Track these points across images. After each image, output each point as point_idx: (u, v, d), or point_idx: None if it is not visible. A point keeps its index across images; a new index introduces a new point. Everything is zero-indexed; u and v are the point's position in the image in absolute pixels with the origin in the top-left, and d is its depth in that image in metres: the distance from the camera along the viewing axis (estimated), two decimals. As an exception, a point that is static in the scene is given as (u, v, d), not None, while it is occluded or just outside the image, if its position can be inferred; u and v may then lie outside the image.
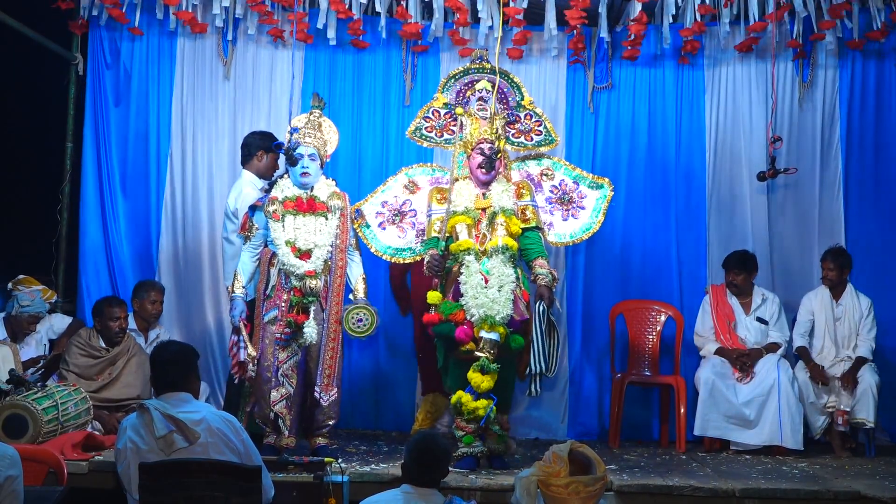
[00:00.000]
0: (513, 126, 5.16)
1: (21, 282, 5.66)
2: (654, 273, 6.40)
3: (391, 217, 5.14)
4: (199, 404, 3.60)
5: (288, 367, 4.70)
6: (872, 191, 6.38)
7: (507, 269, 4.73)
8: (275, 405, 4.68)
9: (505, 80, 5.12)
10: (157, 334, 5.77)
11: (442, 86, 5.20)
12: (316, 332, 4.69)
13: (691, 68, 6.45)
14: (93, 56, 6.50)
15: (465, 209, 4.88)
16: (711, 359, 5.81)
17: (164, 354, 3.63)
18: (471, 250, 4.78)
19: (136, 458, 3.33)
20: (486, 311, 4.62)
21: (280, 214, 4.75)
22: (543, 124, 5.16)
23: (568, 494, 3.15)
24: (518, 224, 4.87)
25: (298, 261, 4.67)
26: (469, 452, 4.72)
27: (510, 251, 4.78)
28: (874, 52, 6.35)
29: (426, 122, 5.20)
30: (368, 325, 4.76)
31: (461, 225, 4.86)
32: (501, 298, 4.65)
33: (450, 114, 5.16)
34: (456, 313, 4.70)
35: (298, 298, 4.66)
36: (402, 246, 5.13)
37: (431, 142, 5.23)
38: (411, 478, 3.33)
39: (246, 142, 5.61)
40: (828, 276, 5.85)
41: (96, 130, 6.49)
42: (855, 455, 5.59)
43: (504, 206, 4.88)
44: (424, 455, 3.33)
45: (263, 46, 6.51)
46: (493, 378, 4.62)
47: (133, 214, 6.47)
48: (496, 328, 4.62)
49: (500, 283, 4.68)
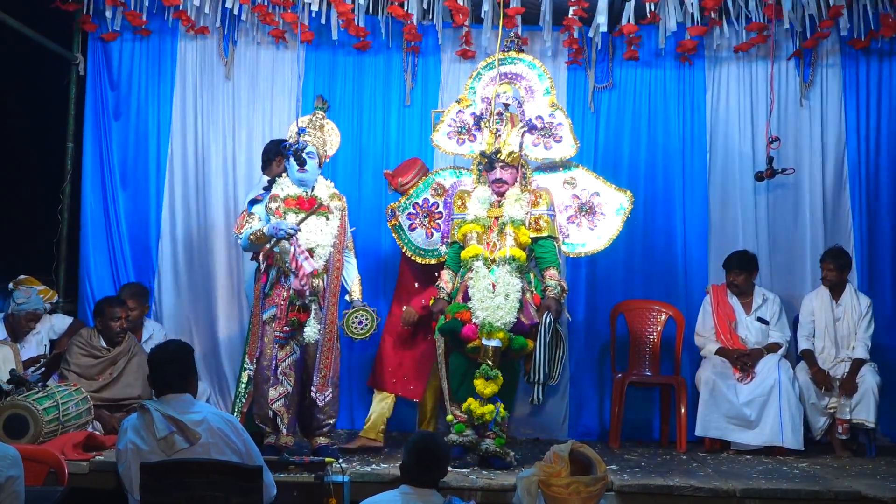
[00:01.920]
0: (532, 132, 5.16)
1: (22, 282, 5.66)
2: (654, 273, 6.40)
3: (421, 219, 5.30)
4: (199, 405, 3.60)
5: (286, 366, 4.70)
6: (877, 190, 6.36)
7: (513, 279, 4.79)
8: (273, 403, 4.68)
9: (535, 73, 5.16)
10: (150, 333, 5.78)
11: (468, 84, 5.29)
12: (316, 331, 4.71)
13: (692, 68, 6.45)
14: (93, 56, 6.51)
15: (476, 217, 4.97)
16: (712, 359, 5.81)
17: (162, 356, 3.62)
18: (479, 256, 4.85)
19: (136, 459, 3.34)
20: (488, 316, 4.69)
21: (282, 212, 4.75)
22: (565, 126, 5.16)
23: (569, 494, 3.15)
24: (527, 234, 4.90)
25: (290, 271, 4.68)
26: (458, 441, 4.76)
27: (517, 262, 4.83)
28: (876, 51, 6.34)
29: (449, 128, 5.28)
30: (369, 327, 4.83)
31: (472, 233, 4.94)
32: (507, 306, 4.72)
33: (474, 115, 5.23)
34: (463, 312, 4.79)
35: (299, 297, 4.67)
36: (429, 247, 5.29)
37: (453, 150, 5.31)
38: (410, 478, 3.31)
39: (266, 148, 5.71)
40: (828, 277, 5.85)
41: (97, 130, 6.50)
42: (855, 455, 5.59)
43: (513, 215, 4.92)
44: (423, 455, 3.32)
45: (265, 47, 6.52)
46: (496, 384, 4.69)
47: (134, 214, 6.48)
48: (495, 335, 4.68)
49: (506, 292, 4.75)
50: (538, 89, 5.19)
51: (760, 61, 6.38)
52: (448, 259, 5.15)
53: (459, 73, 6.44)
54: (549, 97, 5.17)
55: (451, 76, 6.50)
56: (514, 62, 5.25)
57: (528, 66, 5.23)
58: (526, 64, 5.23)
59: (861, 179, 6.36)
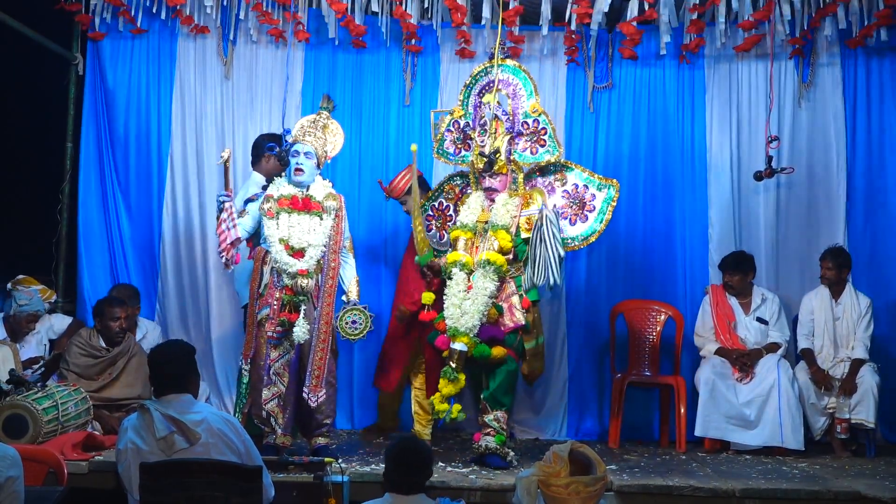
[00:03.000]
0: (519, 138, 5.15)
1: (20, 282, 5.66)
2: (654, 273, 6.39)
3: (436, 221, 5.43)
4: (200, 405, 3.59)
5: (280, 366, 4.71)
6: (877, 190, 6.35)
7: (487, 283, 4.84)
8: (266, 403, 4.69)
9: (519, 80, 5.16)
10: (144, 332, 5.78)
11: (461, 94, 5.30)
12: (306, 332, 4.67)
13: (691, 68, 6.45)
14: (93, 56, 6.50)
15: (462, 224, 5.06)
16: (711, 359, 5.81)
17: (163, 356, 3.61)
18: (457, 263, 4.93)
19: (136, 459, 3.33)
20: (453, 322, 4.77)
21: (274, 212, 4.76)
22: (549, 132, 5.15)
23: (568, 494, 3.15)
24: (507, 238, 4.92)
25: (291, 259, 4.68)
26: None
27: (494, 265, 4.86)
28: (875, 50, 6.34)
29: (448, 136, 5.31)
30: (362, 328, 4.79)
31: (461, 239, 5.02)
32: (471, 310, 4.78)
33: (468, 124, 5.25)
34: (440, 322, 4.91)
35: (290, 297, 4.67)
36: (441, 247, 5.37)
37: (452, 160, 5.33)
38: (393, 486, 3.22)
39: (255, 143, 5.67)
40: (826, 276, 5.85)
41: (97, 130, 6.50)
42: (855, 455, 5.59)
43: (497, 221, 4.95)
44: (403, 460, 3.24)
45: (264, 46, 6.52)
46: (456, 386, 4.76)
47: (133, 214, 6.48)
48: (460, 338, 4.75)
49: (474, 296, 4.81)
50: (522, 94, 5.17)
51: (760, 61, 6.37)
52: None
53: (459, 72, 6.44)
54: (532, 101, 5.12)
55: (450, 76, 6.50)
56: (501, 69, 5.19)
57: (511, 72, 5.18)
58: (510, 70, 5.19)
59: (860, 179, 6.35)
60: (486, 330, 4.81)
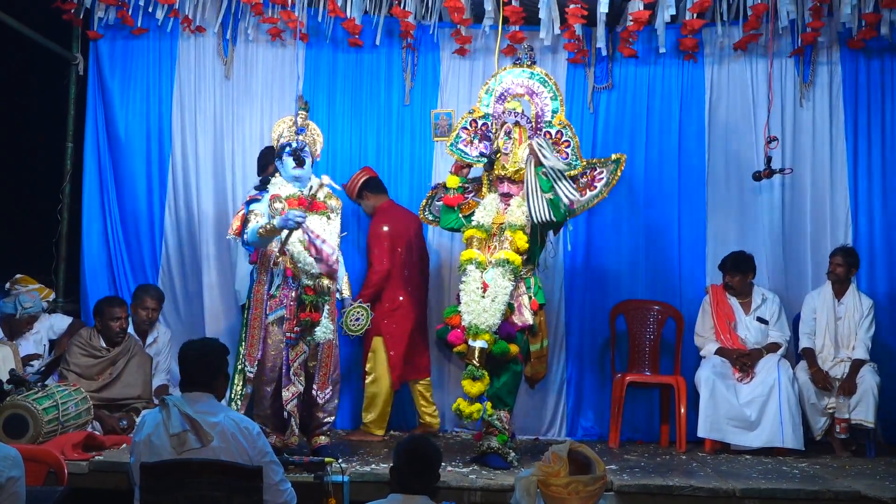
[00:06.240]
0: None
1: (18, 281, 5.67)
2: (654, 273, 6.39)
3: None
4: (219, 406, 3.50)
5: (297, 366, 4.72)
6: (877, 190, 6.34)
7: (504, 282, 4.85)
8: (287, 404, 4.70)
9: (545, 90, 5.19)
10: (154, 336, 5.77)
11: (481, 96, 5.29)
12: (329, 331, 4.75)
13: (691, 67, 6.44)
14: (93, 56, 6.50)
15: (478, 224, 5.05)
16: (712, 359, 5.81)
17: (191, 352, 3.56)
18: (472, 260, 4.94)
19: (147, 453, 3.32)
20: (473, 319, 4.77)
21: (287, 212, 4.73)
22: (572, 145, 5.16)
23: (568, 494, 3.14)
24: (524, 239, 4.95)
25: (312, 259, 4.69)
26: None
27: (511, 265, 4.88)
28: (875, 49, 6.33)
29: (464, 134, 5.29)
30: (364, 324, 4.96)
31: (475, 238, 5.04)
32: (492, 308, 4.79)
33: (486, 125, 5.24)
34: (453, 317, 4.91)
35: (312, 297, 4.68)
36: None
37: (467, 158, 5.30)
38: (401, 485, 3.15)
39: (262, 153, 5.78)
40: (835, 272, 5.82)
41: (97, 130, 6.50)
42: (855, 455, 5.59)
43: (513, 221, 4.98)
44: (415, 461, 3.17)
45: (263, 46, 6.52)
46: (483, 384, 4.75)
47: (134, 214, 6.47)
48: (481, 336, 4.75)
49: (494, 295, 4.82)
50: (548, 106, 5.18)
51: (760, 60, 6.36)
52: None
53: (459, 71, 6.45)
54: (558, 114, 5.16)
55: (450, 75, 6.49)
56: (527, 76, 5.21)
57: (539, 81, 5.21)
58: (537, 79, 5.21)
59: (860, 179, 6.34)
60: (502, 327, 4.84)
